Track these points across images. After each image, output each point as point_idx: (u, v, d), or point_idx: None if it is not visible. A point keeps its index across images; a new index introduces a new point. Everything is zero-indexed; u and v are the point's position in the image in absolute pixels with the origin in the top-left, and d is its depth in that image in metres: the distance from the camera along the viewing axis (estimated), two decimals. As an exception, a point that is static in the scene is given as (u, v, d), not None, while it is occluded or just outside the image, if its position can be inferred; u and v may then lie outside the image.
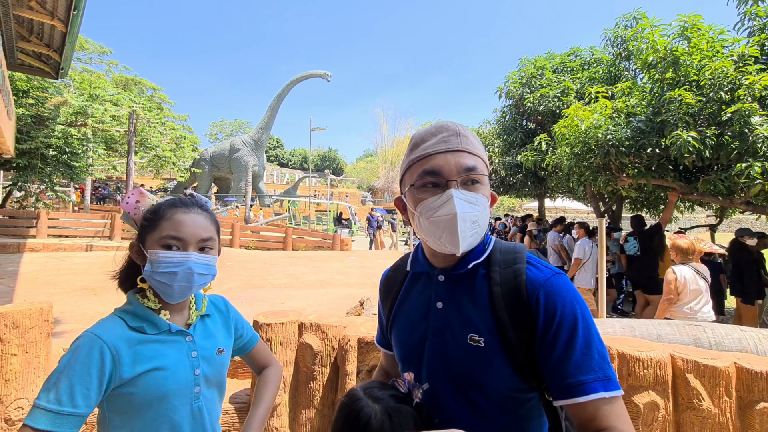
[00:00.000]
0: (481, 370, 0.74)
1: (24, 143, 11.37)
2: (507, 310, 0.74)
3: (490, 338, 0.73)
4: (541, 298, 0.72)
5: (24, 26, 6.71)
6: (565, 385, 0.68)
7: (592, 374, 0.68)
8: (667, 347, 2.09)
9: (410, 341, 0.84)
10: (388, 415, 0.72)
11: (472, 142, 0.78)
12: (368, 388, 0.79)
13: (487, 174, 0.79)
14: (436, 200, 0.74)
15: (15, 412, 2.55)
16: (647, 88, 6.07)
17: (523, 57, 10.08)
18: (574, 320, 0.70)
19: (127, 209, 0.90)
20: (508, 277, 0.76)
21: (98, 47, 20.29)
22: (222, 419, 2.62)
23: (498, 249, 0.82)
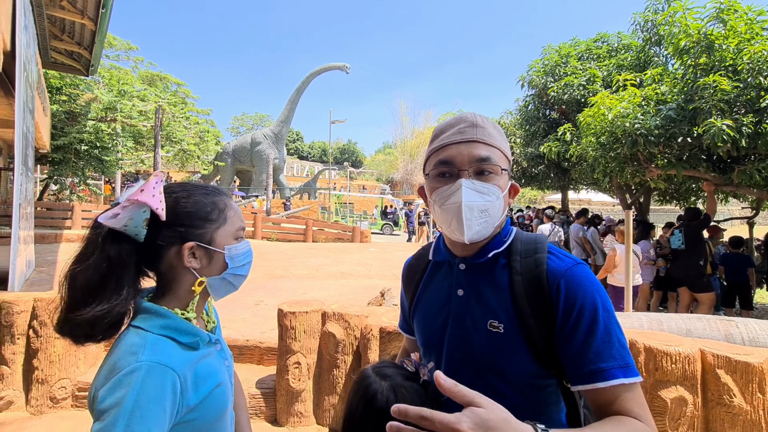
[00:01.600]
0: (500, 355, 0.76)
1: (58, 139, 11.88)
2: (527, 299, 0.76)
3: (510, 325, 0.76)
4: (561, 287, 0.74)
5: (56, 25, 6.98)
6: (586, 372, 0.70)
7: (612, 361, 0.69)
8: (697, 342, 2.04)
9: (432, 327, 0.86)
10: (393, 390, 0.75)
11: (489, 133, 0.79)
12: (378, 367, 0.82)
13: (504, 165, 0.80)
14: (447, 189, 0.78)
15: (59, 391, 2.72)
16: (679, 74, 5.82)
17: (547, 44, 9.80)
18: (595, 309, 0.72)
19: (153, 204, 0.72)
20: (529, 267, 0.78)
21: (125, 44, 20.88)
22: (249, 403, 2.72)
23: (519, 239, 0.84)
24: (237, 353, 3.27)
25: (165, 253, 0.79)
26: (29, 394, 2.68)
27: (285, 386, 2.62)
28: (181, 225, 0.79)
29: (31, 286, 5.42)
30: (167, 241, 0.78)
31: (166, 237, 0.78)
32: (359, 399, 0.77)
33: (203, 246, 0.80)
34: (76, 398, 2.76)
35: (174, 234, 0.78)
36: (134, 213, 0.73)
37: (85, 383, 2.79)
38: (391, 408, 0.54)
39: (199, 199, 0.82)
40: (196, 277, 0.81)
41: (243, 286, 2.82)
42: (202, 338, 0.80)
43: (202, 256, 0.81)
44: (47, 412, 2.68)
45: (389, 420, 0.71)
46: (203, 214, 0.81)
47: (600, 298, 0.73)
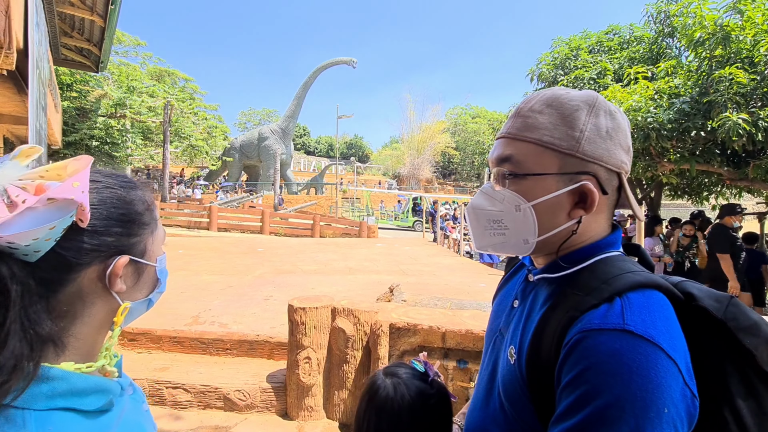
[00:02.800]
0: (510, 386, 0.62)
1: (70, 135, 12.05)
2: (548, 341, 0.57)
3: (521, 359, 0.60)
4: (569, 350, 0.52)
5: (66, 22, 7.04)
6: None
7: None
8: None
9: (489, 329, 0.77)
10: (394, 387, 0.80)
11: (531, 123, 0.62)
12: (390, 366, 0.87)
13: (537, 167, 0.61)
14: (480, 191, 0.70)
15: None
16: (693, 66, 5.71)
17: (557, 37, 9.66)
18: (588, 394, 0.48)
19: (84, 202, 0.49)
20: (566, 305, 0.57)
21: (134, 40, 21.00)
22: (260, 397, 2.76)
23: (595, 269, 0.60)
24: (248, 348, 3.31)
25: (73, 277, 0.52)
26: (46, 386, 2.74)
27: (295, 381, 2.65)
28: (109, 233, 0.54)
29: (46, 280, 5.52)
30: (85, 260, 0.52)
31: (85, 252, 0.51)
32: (365, 393, 0.83)
33: (135, 260, 0.58)
34: (91, 391, 2.82)
35: (99, 247, 0.53)
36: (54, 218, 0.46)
37: (99, 376, 2.84)
38: None
39: (126, 193, 0.58)
40: (118, 305, 0.57)
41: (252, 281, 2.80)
42: (114, 392, 0.55)
43: (130, 274, 0.58)
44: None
45: (386, 414, 0.77)
46: (135, 214, 0.58)
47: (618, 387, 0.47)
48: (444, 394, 0.82)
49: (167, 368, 3.03)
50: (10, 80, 5.35)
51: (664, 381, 0.47)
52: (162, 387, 2.79)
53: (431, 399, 0.80)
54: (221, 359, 3.28)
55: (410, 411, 0.77)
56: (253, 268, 6.87)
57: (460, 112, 39.67)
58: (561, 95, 0.63)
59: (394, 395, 0.78)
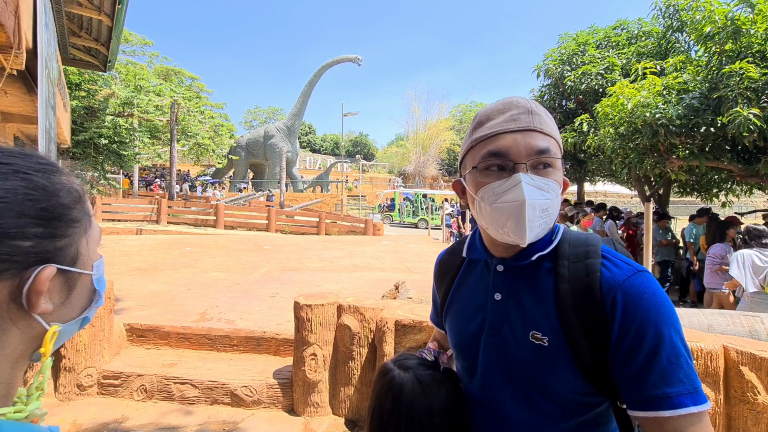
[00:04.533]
0: (543, 371, 0.68)
1: (79, 134, 12.17)
2: (576, 311, 0.66)
3: (554, 339, 0.67)
4: (618, 300, 0.64)
5: (74, 22, 7.11)
6: (648, 397, 0.61)
7: (680, 386, 0.60)
8: (720, 338, 2.00)
9: (465, 332, 0.79)
10: (418, 381, 0.76)
11: (546, 121, 0.69)
12: (398, 359, 0.83)
13: (560, 157, 0.71)
14: (501, 184, 0.67)
15: (85, 378, 2.82)
16: (703, 61, 5.62)
17: (564, 33, 9.56)
18: (659, 327, 0.62)
19: None
20: (578, 274, 0.68)
21: (141, 39, 21.14)
22: (267, 393, 2.78)
23: (567, 240, 0.73)
24: (254, 344, 3.34)
25: None
26: (57, 381, 2.79)
27: (302, 377, 2.67)
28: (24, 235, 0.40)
29: (56, 277, 5.60)
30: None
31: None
32: (386, 393, 0.77)
33: (64, 270, 0.44)
34: (101, 386, 2.86)
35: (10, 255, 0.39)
36: None
37: (109, 371, 2.88)
38: None
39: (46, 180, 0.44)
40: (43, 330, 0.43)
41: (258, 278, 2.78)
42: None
43: (57, 288, 0.44)
44: (74, 398, 2.78)
45: (418, 411, 0.74)
46: (61, 208, 0.44)
47: (665, 312, 0.62)
48: (457, 383, 0.82)
49: (175, 364, 3.07)
50: (20, 80, 5.42)
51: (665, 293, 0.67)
52: (170, 383, 2.83)
53: (450, 388, 0.79)
54: (228, 355, 3.31)
55: (439, 402, 0.76)
56: (260, 266, 6.91)
57: (465, 109, 39.44)
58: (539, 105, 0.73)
59: (421, 391, 0.75)
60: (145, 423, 2.55)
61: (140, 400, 2.81)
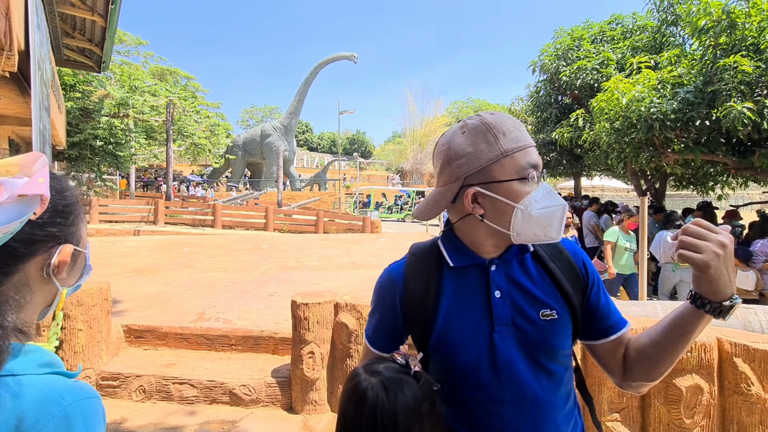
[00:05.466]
0: (556, 338, 0.82)
1: (74, 135, 12.10)
2: (567, 280, 0.84)
3: (561, 309, 0.82)
4: (585, 262, 0.88)
5: (67, 23, 7.06)
6: (611, 325, 0.86)
7: (618, 315, 0.88)
8: (714, 330, 2.01)
9: (475, 341, 0.80)
10: (384, 386, 0.73)
11: None
12: (368, 363, 0.80)
13: None
14: (540, 192, 0.78)
15: (83, 380, 2.81)
16: (697, 55, 5.63)
17: (559, 28, 9.56)
18: (599, 278, 0.90)
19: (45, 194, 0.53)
20: (555, 254, 0.87)
21: (135, 39, 21.02)
22: (266, 392, 2.79)
23: None
24: (252, 343, 3.34)
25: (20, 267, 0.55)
26: (56, 383, 2.79)
27: (300, 375, 2.68)
28: (54, 223, 0.58)
29: (54, 279, 5.59)
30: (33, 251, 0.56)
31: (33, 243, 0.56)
32: (349, 399, 0.75)
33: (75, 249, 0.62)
34: (99, 387, 2.86)
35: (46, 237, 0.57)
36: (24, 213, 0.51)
37: (107, 373, 2.89)
38: None
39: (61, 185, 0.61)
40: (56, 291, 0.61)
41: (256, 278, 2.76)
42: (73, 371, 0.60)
43: (68, 262, 0.62)
44: (73, 400, 2.78)
45: (381, 418, 0.71)
46: (73, 205, 0.63)
47: None
48: (429, 386, 0.79)
49: (173, 364, 3.07)
50: (13, 82, 5.38)
51: None
52: (169, 383, 2.83)
53: (419, 393, 0.76)
54: (227, 355, 3.31)
55: (405, 408, 0.73)
56: (258, 265, 6.91)
57: (462, 106, 39.42)
58: None
59: (386, 397, 0.72)
60: (145, 423, 2.55)
61: (139, 400, 2.82)
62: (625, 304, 2.63)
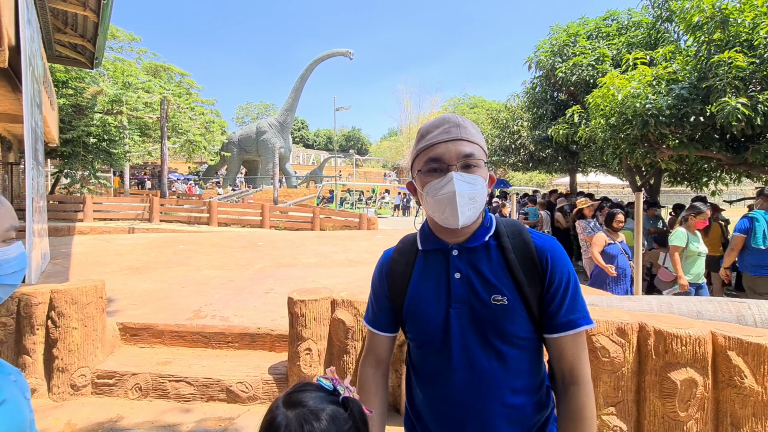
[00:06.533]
0: (506, 322, 0.90)
1: (67, 132, 11.97)
2: (524, 272, 0.91)
3: (512, 296, 0.90)
4: (549, 259, 0.91)
5: (59, 18, 6.96)
6: (562, 322, 0.90)
7: (579, 314, 0.91)
8: (708, 324, 2.03)
9: (436, 314, 0.94)
10: (299, 422, 0.67)
11: (471, 132, 0.91)
12: (291, 393, 0.74)
13: (484, 159, 0.92)
14: (439, 182, 0.88)
15: (79, 378, 2.80)
16: (692, 51, 5.65)
17: (555, 24, 9.55)
18: (569, 277, 0.92)
19: None
20: (519, 245, 0.93)
21: (128, 35, 20.78)
22: (263, 389, 2.78)
23: (501, 223, 0.98)
24: (249, 341, 3.34)
25: None
26: (51, 382, 2.77)
27: (297, 372, 2.67)
28: None
29: (48, 278, 5.55)
30: None
31: None
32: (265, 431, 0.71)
33: None
34: (95, 385, 2.85)
35: None
36: None
37: (103, 371, 2.87)
38: None
39: None
40: None
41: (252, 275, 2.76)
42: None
43: None
44: (68, 399, 2.77)
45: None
46: None
47: (570, 265, 0.94)
48: (360, 413, 0.73)
49: (170, 362, 3.06)
50: (4, 78, 5.30)
51: None
52: (165, 380, 2.82)
53: (346, 424, 0.70)
54: (223, 352, 3.31)
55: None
56: (254, 262, 6.89)
57: (458, 103, 39.39)
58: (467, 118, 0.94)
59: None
60: (141, 422, 2.54)
61: (135, 398, 2.80)
62: (620, 299, 2.64)
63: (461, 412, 0.91)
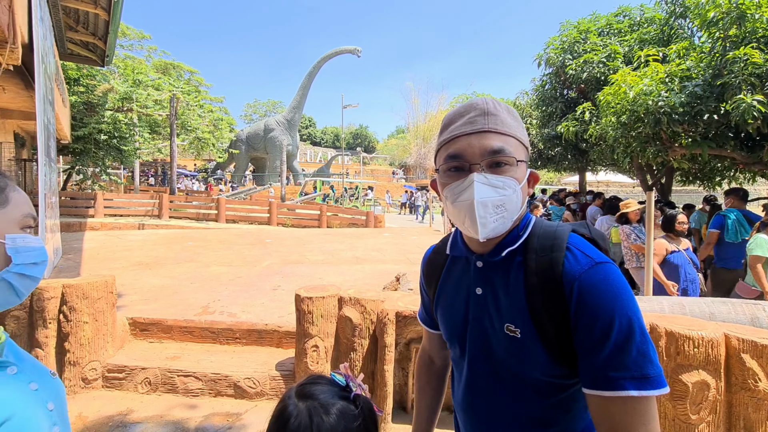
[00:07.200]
0: (517, 359, 0.74)
1: (78, 129, 12.14)
2: (543, 302, 0.71)
3: (526, 329, 0.72)
4: (575, 291, 0.68)
5: (71, 16, 7.04)
6: (593, 377, 0.66)
7: (624, 371, 0.64)
8: (721, 326, 1.99)
9: (453, 322, 0.86)
10: (309, 414, 0.68)
11: (503, 120, 0.73)
12: (303, 384, 0.75)
13: (520, 155, 0.74)
14: (458, 185, 0.73)
15: (90, 372, 2.84)
16: (706, 48, 5.53)
17: (565, 20, 9.43)
18: (611, 315, 0.65)
19: None
20: (544, 266, 0.72)
21: (138, 33, 21.00)
22: (270, 385, 2.80)
23: (536, 234, 0.77)
24: (257, 337, 3.36)
25: None
26: (62, 375, 2.82)
27: (304, 369, 2.68)
28: None
29: (60, 273, 5.63)
30: None
31: None
32: (275, 420, 0.71)
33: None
34: (105, 379, 2.89)
35: None
36: None
37: (113, 365, 2.91)
38: None
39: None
40: None
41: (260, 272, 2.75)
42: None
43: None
44: (80, 392, 2.81)
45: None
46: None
47: (621, 302, 0.66)
48: (370, 412, 0.73)
49: (178, 357, 3.09)
50: (18, 75, 5.38)
51: (626, 283, 0.69)
52: (174, 375, 2.85)
53: (355, 421, 0.70)
54: (231, 348, 3.33)
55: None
56: (261, 259, 6.93)
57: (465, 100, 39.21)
58: (502, 103, 0.76)
59: (308, 425, 0.66)
60: (150, 416, 2.57)
61: (145, 393, 2.84)
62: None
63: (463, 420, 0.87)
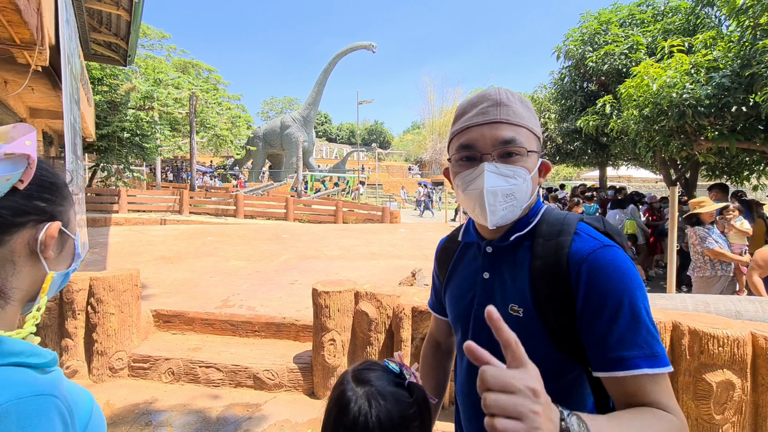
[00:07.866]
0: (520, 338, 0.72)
1: (102, 128, 12.51)
2: (546, 284, 0.73)
3: (528, 310, 0.74)
4: (583, 272, 0.69)
5: (94, 17, 7.25)
6: (607, 359, 0.66)
7: (636, 350, 0.65)
8: (748, 325, 1.94)
9: (460, 306, 0.88)
10: (368, 399, 0.69)
11: (515, 111, 0.75)
12: (360, 369, 0.76)
13: (532, 145, 0.76)
14: (470, 174, 0.76)
15: (116, 362, 2.95)
16: (735, 37, 5.32)
17: (585, 11, 9.20)
18: (620, 295, 0.67)
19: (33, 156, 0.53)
20: (549, 250, 0.75)
21: (158, 33, 21.44)
22: (288, 377, 2.86)
23: (546, 220, 0.80)
24: (275, 330, 3.42)
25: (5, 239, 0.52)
26: (91, 364, 2.94)
27: (321, 362, 2.73)
28: (42, 198, 0.56)
29: (87, 266, 5.85)
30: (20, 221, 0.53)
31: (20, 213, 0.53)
32: (333, 406, 0.73)
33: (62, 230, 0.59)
34: (131, 368, 3.00)
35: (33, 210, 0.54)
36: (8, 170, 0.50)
37: (138, 355, 3.01)
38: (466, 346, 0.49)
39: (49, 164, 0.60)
40: (44, 274, 0.57)
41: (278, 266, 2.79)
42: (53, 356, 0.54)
43: (56, 243, 0.58)
44: (107, 380, 2.93)
45: (360, 429, 0.67)
46: (62, 185, 0.60)
47: (629, 283, 0.67)
48: (424, 399, 0.74)
49: (200, 348, 3.18)
50: (46, 76, 5.58)
51: (634, 265, 0.71)
52: (196, 366, 2.94)
53: (410, 408, 0.70)
54: (250, 340, 3.41)
55: (388, 427, 0.67)
56: (279, 254, 7.03)
57: (483, 95, 38.60)
58: (515, 93, 0.78)
59: (368, 410, 0.67)
60: (174, 404, 2.66)
61: (168, 382, 2.94)
62: (651, 297, 2.55)
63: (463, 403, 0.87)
